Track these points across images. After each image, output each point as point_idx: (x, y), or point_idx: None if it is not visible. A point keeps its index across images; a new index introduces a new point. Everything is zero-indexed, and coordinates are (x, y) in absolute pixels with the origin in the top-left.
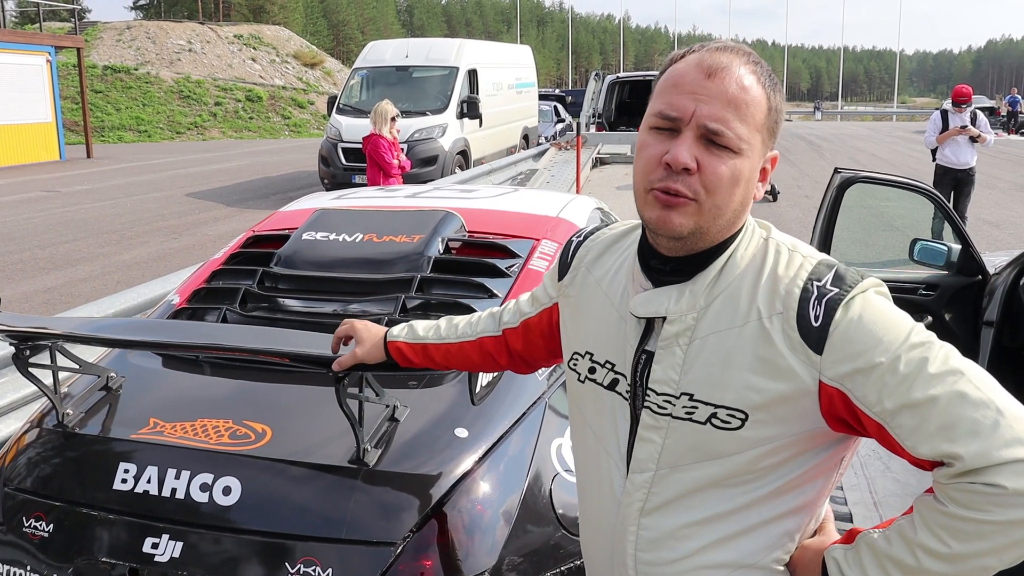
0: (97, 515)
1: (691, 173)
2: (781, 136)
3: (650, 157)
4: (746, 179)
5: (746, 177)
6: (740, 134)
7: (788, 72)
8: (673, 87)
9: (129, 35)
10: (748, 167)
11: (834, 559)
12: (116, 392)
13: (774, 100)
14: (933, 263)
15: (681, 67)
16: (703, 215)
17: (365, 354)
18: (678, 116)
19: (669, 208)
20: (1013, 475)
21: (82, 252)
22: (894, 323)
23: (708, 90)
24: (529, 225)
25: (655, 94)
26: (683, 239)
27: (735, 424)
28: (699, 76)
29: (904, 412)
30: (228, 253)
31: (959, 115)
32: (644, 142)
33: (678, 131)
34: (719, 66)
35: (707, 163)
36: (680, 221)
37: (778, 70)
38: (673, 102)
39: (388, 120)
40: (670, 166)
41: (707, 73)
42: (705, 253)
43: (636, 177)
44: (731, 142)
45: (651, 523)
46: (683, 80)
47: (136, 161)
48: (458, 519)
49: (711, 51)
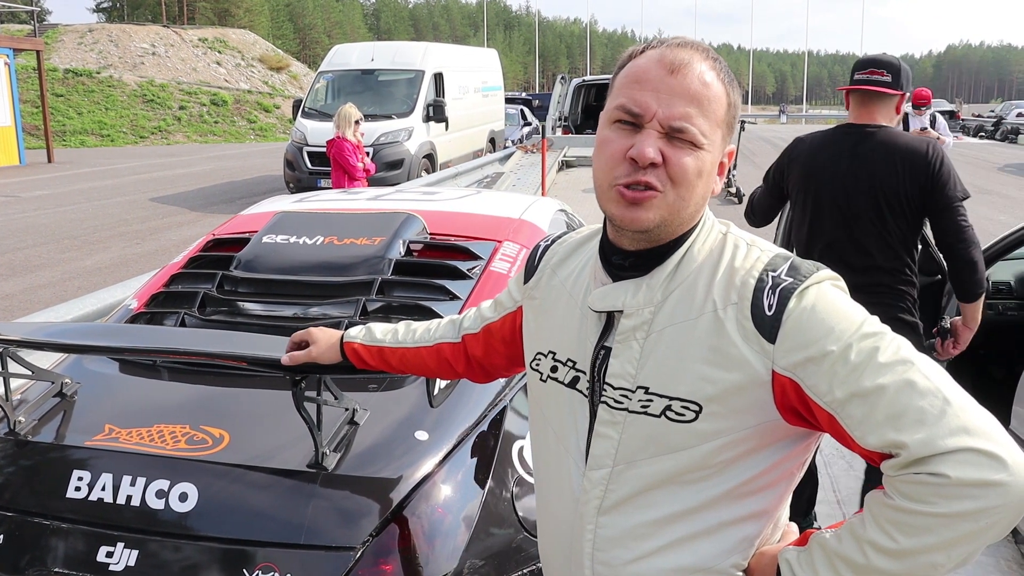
0: (50, 524)
1: (657, 167)
2: (746, 139)
3: (613, 153)
4: (707, 173)
5: (708, 171)
6: (703, 129)
7: (753, 76)
8: (635, 83)
9: (91, 38)
10: (710, 161)
11: (787, 560)
12: (71, 398)
13: (733, 96)
14: None
15: (642, 63)
16: (668, 207)
17: (320, 354)
18: (641, 112)
19: (635, 204)
20: (957, 464)
21: (42, 258)
22: (847, 314)
23: (671, 87)
24: (491, 227)
25: (615, 89)
26: (648, 232)
27: (689, 417)
28: (662, 72)
29: (854, 401)
30: (187, 257)
31: (919, 118)
32: (605, 138)
33: (640, 127)
34: (681, 62)
35: (671, 155)
36: (647, 216)
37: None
38: (636, 98)
39: (352, 123)
40: (635, 161)
41: (669, 69)
42: (664, 247)
43: (598, 173)
44: (694, 137)
45: (609, 521)
46: (645, 76)
47: (98, 166)
48: (419, 523)
49: (671, 47)
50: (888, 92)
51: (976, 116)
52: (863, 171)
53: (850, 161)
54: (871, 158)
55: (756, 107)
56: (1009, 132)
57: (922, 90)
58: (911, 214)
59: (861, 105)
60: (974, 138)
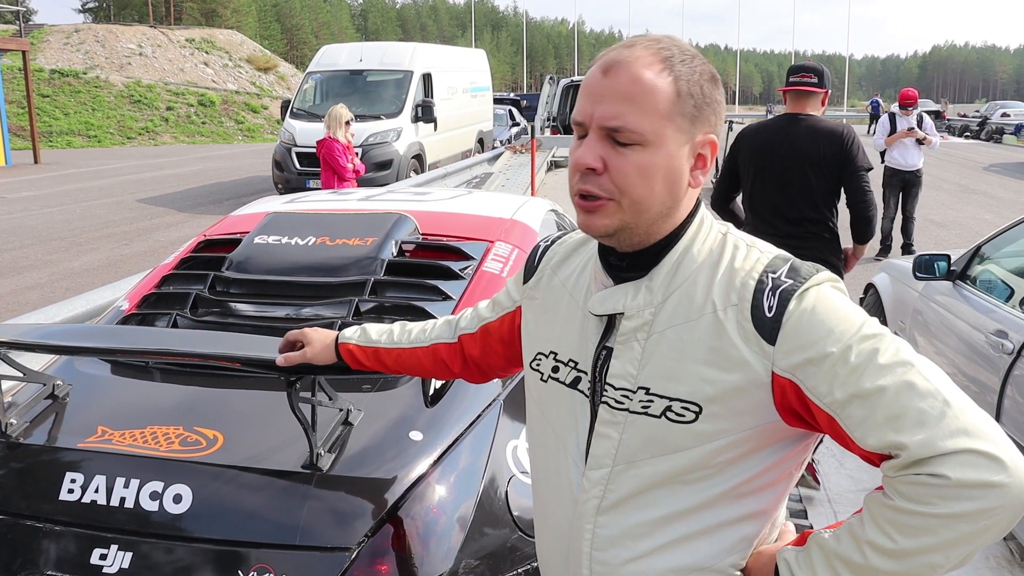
0: (43, 527)
1: (599, 173)
2: (733, 138)
3: (569, 164)
4: (663, 169)
5: (662, 166)
6: (639, 127)
7: (741, 76)
8: (580, 92)
9: (77, 38)
10: (662, 157)
11: (785, 560)
12: (63, 400)
13: (686, 85)
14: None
15: (589, 71)
16: (624, 212)
17: (315, 355)
18: (582, 120)
19: (589, 212)
20: (957, 465)
21: (29, 259)
22: (847, 315)
23: (603, 87)
24: (483, 227)
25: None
26: (612, 237)
27: (689, 417)
28: (597, 75)
29: (854, 403)
30: (179, 258)
31: (906, 118)
32: (570, 151)
33: (587, 134)
34: (616, 62)
35: (612, 161)
36: (602, 222)
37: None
38: (579, 106)
39: (342, 124)
40: (577, 168)
41: (603, 71)
42: (657, 246)
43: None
44: (631, 136)
45: (607, 521)
46: (586, 83)
47: (85, 167)
48: (413, 523)
49: (617, 48)
50: (814, 90)
51: (961, 116)
52: (794, 147)
53: (785, 140)
54: (801, 137)
55: (743, 107)
56: (994, 132)
57: (908, 90)
58: (831, 178)
59: (795, 101)
60: (960, 138)
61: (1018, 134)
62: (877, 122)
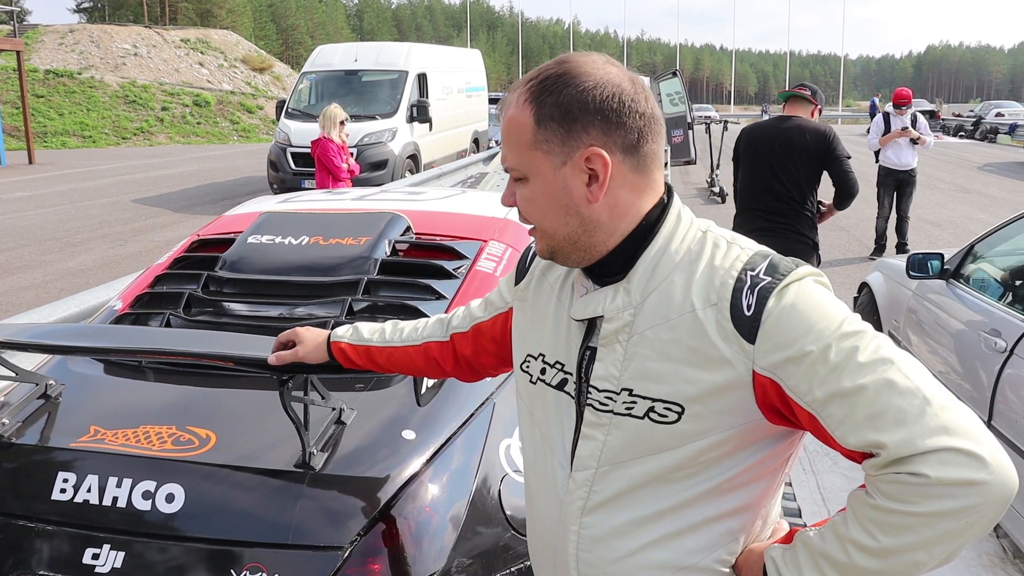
0: (35, 527)
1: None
2: (729, 139)
3: None
4: (548, 194)
5: (544, 193)
6: (513, 163)
7: (736, 76)
8: None
9: (72, 38)
10: (541, 184)
11: (772, 559)
12: (55, 400)
13: (549, 110)
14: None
15: None
16: (546, 238)
17: (307, 353)
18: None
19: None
20: (937, 464)
21: (24, 260)
22: (826, 312)
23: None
24: (476, 226)
25: None
26: (552, 259)
27: (672, 418)
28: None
29: (834, 401)
30: (172, 257)
31: (900, 117)
32: None
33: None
34: (500, 110)
35: (516, 197)
36: (539, 246)
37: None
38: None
39: (337, 124)
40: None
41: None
42: (618, 252)
43: None
44: (515, 172)
45: (592, 521)
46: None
47: (80, 167)
48: (406, 522)
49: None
50: (809, 99)
51: (956, 116)
52: (786, 140)
53: (779, 134)
54: (792, 132)
55: (738, 107)
56: (988, 132)
57: (902, 90)
58: (814, 167)
59: (789, 105)
60: (954, 138)
61: (1012, 134)
62: (872, 121)
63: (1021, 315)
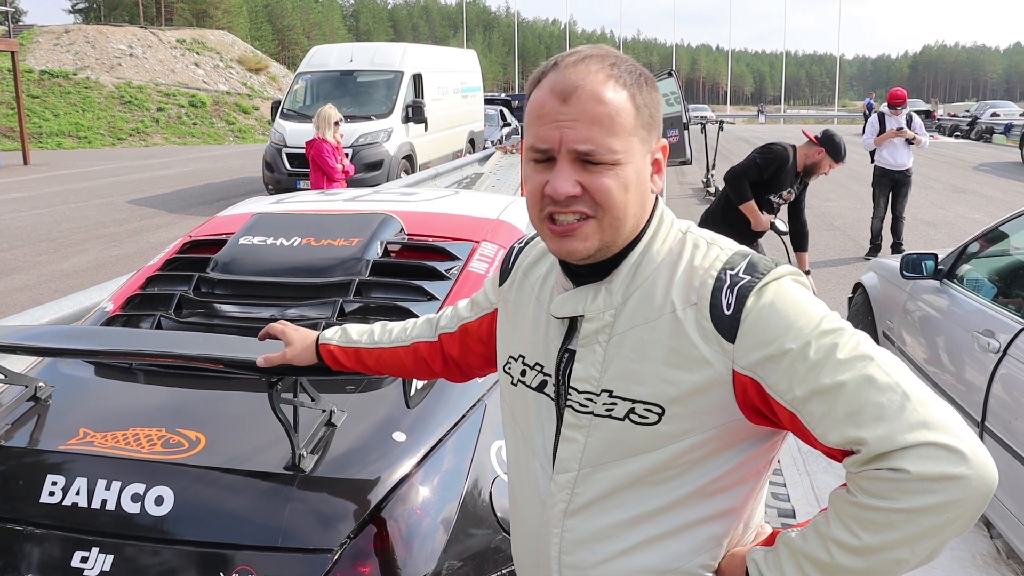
0: (23, 530)
1: (578, 197)
2: (725, 139)
3: (534, 190)
4: (635, 183)
5: (634, 181)
6: (613, 147)
7: (732, 76)
8: (537, 119)
9: (67, 39)
10: (633, 172)
11: (754, 561)
12: (45, 402)
13: (641, 96)
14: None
15: (539, 96)
16: (604, 230)
17: (295, 355)
18: (548, 147)
19: (567, 236)
20: (917, 459)
21: (18, 261)
22: (805, 310)
23: (568, 115)
24: (469, 227)
25: (525, 125)
26: (591, 257)
27: (652, 419)
28: (556, 103)
29: (814, 399)
30: (164, 259)
31: (895, 118)
32: (527, 175)
33: (553, 160)
34: (572, 87)
35: (590, 182)
36: (582, 245)
37: (722, 74)
38: (541, 134)
39: (331, 124)
40: (552, 197)
41: (562, 98)
42: (616, 255)
43: (528, 209)
44: (604, 158)
45: (575, 524)
46: (543, 110)
47: (76, 168)
48: (396, 525)
49: (563, 70)
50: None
51: (951, 116)
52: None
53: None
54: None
55: (735, 107)
56: (984, 132)
57: (897, 90)
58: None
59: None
60: (950, 138)
61: (1007, 134)
62: (867, 121)
63: (1014, 315)
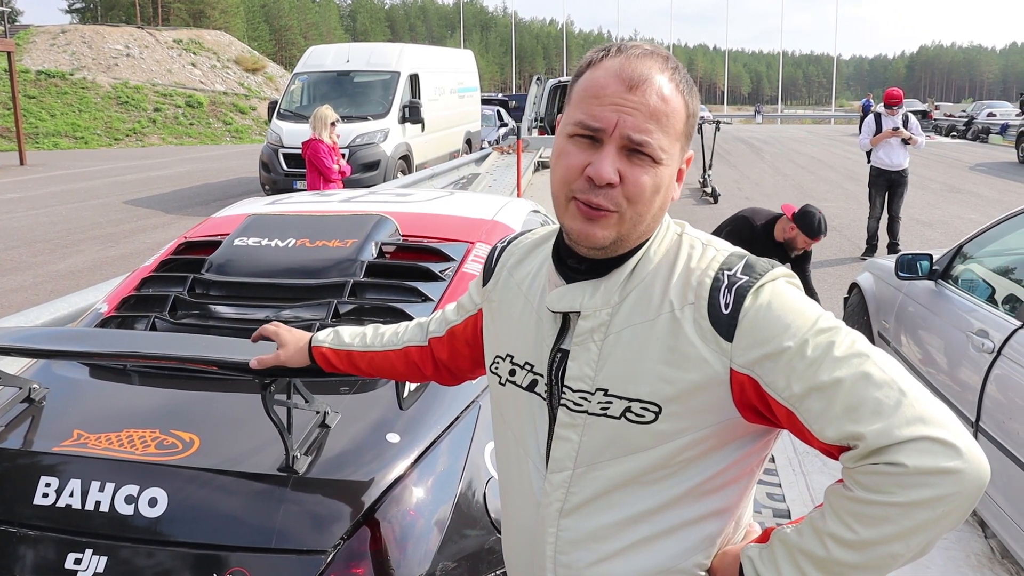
0: (16, 532)
1: (613, 187)
2: (722, 139)
3: (571, 166)
4: (665, 187)
5: (665, 185)
6: (663, 145)
7: (729, 76)
8: (594, 98)
9: (64, 39)
10: (668, 175)
11: (749, 558)
12: (39, 404)
13: (692, 106)
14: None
15: (600, 76)
16: (624, 225)
17: (288, 357)
18: (601, 127)
19: (592, 221)
20: (914, 453)
21: (13, 261)
22: (801, 310)
23: (631, 102)
24: (464, 228)
25: (574, 101)
26: (604, 248)
27: (649, 418)
28: (620, 88)
29: (812, 396)
30: (159, 260)
31: (891, 118)
32: (564, 149)
33: (600, 142)
34: (641, 78)
35: (629, 174)
36: (603, 233)
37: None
38: (595, 113)
39: (328, 125)
40: (593, 180)
41: (628, 85)
42: (620, 256)
43: (555, 184)
44: (654, 153)
45: (570, 524)
46: (604, 91)
47: (72, 168)
48: (390, 526)
49: (630, 59)
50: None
51: (948, 116)
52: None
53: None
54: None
55: (732, 107)
56: (980, 132)
57: (893, 90)
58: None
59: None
60: (946, 138)
61: (1004, 134)
62: (863, 122)
63: (1008, 315)
